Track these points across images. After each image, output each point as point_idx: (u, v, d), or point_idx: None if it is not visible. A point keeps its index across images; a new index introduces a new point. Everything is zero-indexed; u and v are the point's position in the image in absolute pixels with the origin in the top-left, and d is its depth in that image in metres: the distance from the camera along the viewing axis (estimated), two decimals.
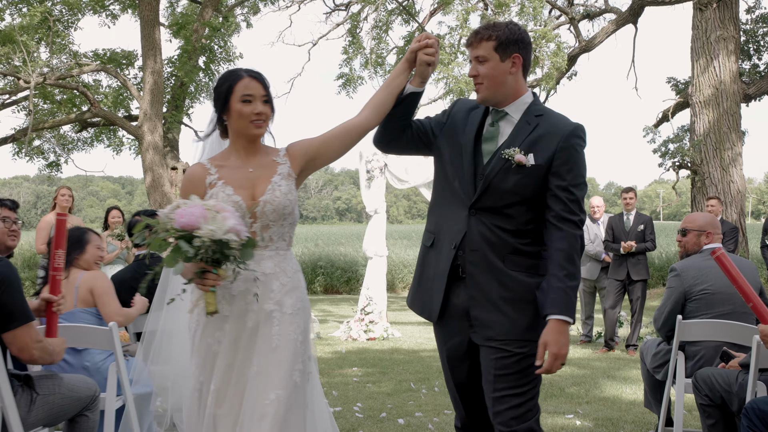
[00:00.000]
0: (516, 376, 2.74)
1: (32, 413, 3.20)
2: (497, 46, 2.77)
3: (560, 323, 2.66)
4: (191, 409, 2.82)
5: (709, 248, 4.67)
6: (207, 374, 2.78)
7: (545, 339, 2.67)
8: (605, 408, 5.92)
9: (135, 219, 4.99)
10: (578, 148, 2.78)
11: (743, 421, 3.11)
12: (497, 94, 2.84)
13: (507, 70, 2.80)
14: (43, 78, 13.70)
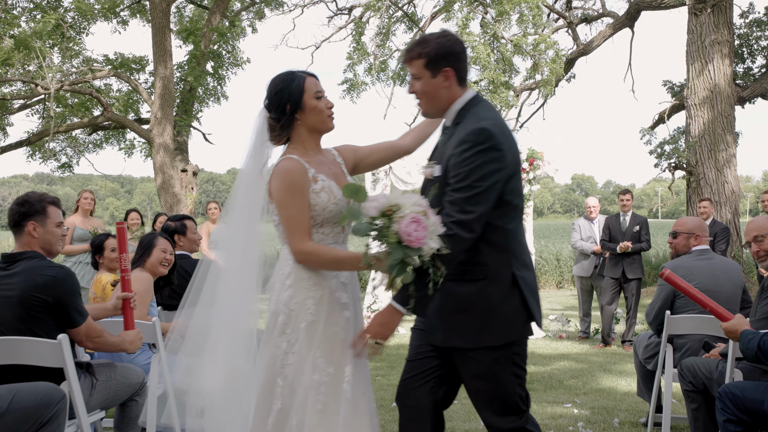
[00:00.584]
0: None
1: (93, 397, 3.62)
2: (427, 63, 2.82)
3: (388, 307, 2.73)
4: (322, 405, 2.74)
5: (698, 249, 5.11)
6: (336, 363, 2.76)
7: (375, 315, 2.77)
8: (601, 398, 6.34)
9: (168, 224, 5.37)
10: (465, 152, 2.71)
11: (717, 403, 3.51)
12: (434, 107, 2.91)
13: (440, 84, 2.84)
14: (60, 84, 14.12)
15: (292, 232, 2.79)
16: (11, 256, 3.43)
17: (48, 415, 2.95)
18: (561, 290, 19.62)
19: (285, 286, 2.82)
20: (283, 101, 2.87)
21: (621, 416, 5.56)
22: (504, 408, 2.85)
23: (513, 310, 2.81)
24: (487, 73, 14.85)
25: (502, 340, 2.79)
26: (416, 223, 2.50)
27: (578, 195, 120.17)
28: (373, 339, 2.72)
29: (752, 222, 4.29)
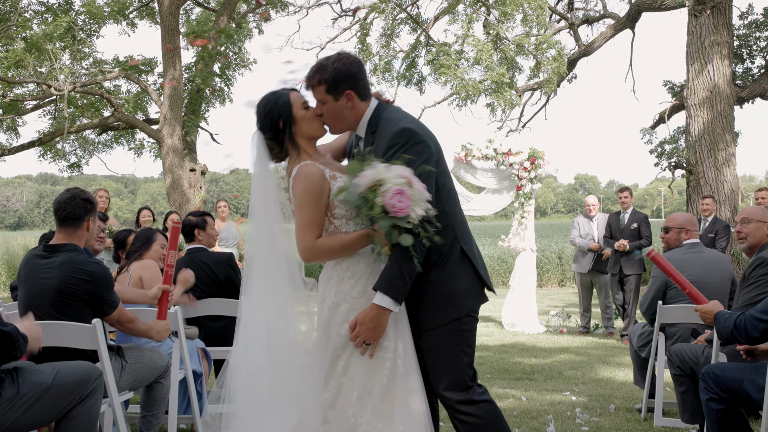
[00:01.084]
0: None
1: (122, 378, 3.91)
2: (328, 88, 2.99)
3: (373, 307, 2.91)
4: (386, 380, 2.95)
5: (689, 243, 5.38)
6: (394, 341, 2.99)
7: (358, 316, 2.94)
8: (599, 387, 6.61)
9: (189, 218, 5.65)
10: (395, 154, 2.91)
11: (701, 383, 3.77)
12: (341, 127, 3.13)
13: (344, 106, 3.03)
14: (73, 86, 14.44)
15: (302, 231, 3.00)
16: (53, 247, 3.72)
17: (87, 391, 3.23)
18: (563, 288, 19.88)
19: (346, 278, 3.03)
20: (275, 119, 3.06)
21: (617, 403, 5.83)
22: (454, 383, 3.03)
23: (466, 285, 3.06)
24: (490, 73, 15.10)
25: (451, 316, 3.02)
26: (400, 194, 2.74)
27: (581, 195, 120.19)
28: (364, 341, 2.92)
29: (748, 208, 4.59)
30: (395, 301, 2.89)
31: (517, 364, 7.85)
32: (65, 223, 3.76)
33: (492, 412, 3.08)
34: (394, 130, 2.95)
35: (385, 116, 3.05)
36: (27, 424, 3.10)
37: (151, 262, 5.14)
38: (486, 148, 10.80)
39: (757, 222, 4.41)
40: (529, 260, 10.98)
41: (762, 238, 4.41)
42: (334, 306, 3.02)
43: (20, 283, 3.77)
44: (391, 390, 2.95)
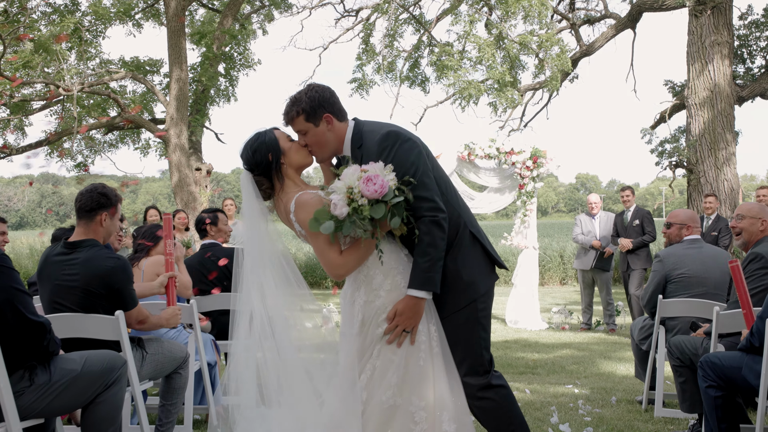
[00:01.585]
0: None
1: (143, 368, 4.06)
2: (307, 117, 3.15)
3: (410, 298, 3.07)
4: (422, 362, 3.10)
5: (689, 239, 5.52)
6: (427, 324, 3.15)
7: (398, 306, 3.07)
8: (600, 381, 6.76)
9: (202, 215, 5.81)
10: (388, 157, 3.06)
11: (699, 371, 3.93)
12: (327, 152, 3.24)
13: (324, 130, 3.17)
14: (81, 86, 14.61)
15: (325, 254, 3.12)
16: (73, 244, 3.85)
17: (113, 378, 3.38)
18: (564, 286, 20.02)
19: (374, 275, 3.15)
20: (264, 154, 3.18)
21: (618, 395, 5.97)
22: (473, 369, 3.17)
23: (480, 266, 3.22)
24: (493, 72, 15.24)
25: (469, 298, 3.17)
26: (368, 180, 2.90)
27: (582, 194, 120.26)
28: (403, 329, 3.07)
29: (745, 204, 4.73)
30: (430, 291, 3.06)
31: (521, 359, 8.00)
32: (80, 214, 3.88)
33: (508, 398, 3.24)
34: (380, 136, 3.11)
35: (367, 129, 3.22)
36: (57, 409, 3.26)
37: (161, 258, 5.26)
38: (489, 147, 10.94)
39: (751, 218, 4.55)
40: (532, 258, 11.13)
41: (756, 233, 4.56)
42: (368, 304, 3.14)
43: (42, 280, 3.88)
44: (427, 371, 3.09)
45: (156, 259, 5.25)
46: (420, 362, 3.10)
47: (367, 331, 3.14)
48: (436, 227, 3.04)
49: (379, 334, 3.11)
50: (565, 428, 4.79)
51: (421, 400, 3.06)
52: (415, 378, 3.08)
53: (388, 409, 3.05)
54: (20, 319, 2.99)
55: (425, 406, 3.06)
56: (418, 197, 3.04)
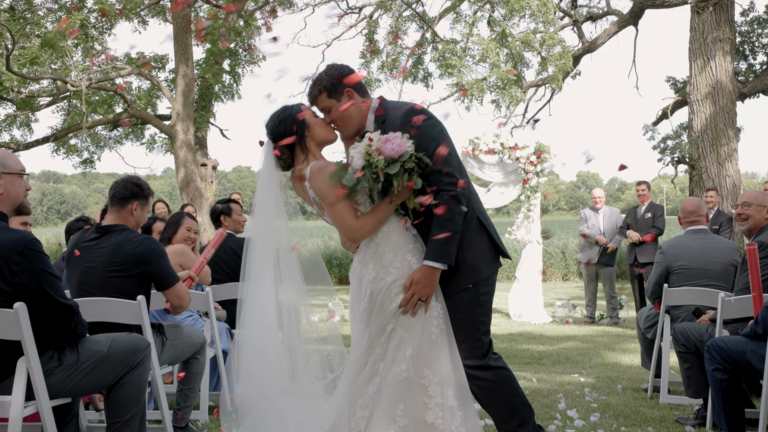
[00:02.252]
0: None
1: (163, 354, 4.16)
2: (329, 94, 3.27)
3: (426, 267, 3.15)
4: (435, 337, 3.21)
5: (693, 229, 5.58)
6: (440, 300, 3.27)
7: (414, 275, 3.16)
8: (606, 370, 6.86)
9: (216, 206, 5.92)
10: (411, 132, 3.14)
11: (706, 354, 4.03)
12: (352, 126, 3.33)
13: (346, 105, 3.28)
14: (89, 82, 14.72)
15: (342, 219, 3.22)
16: (105, 228, 3.96)
17: (137, 360, 3.48)
18: (567, 282, 20.12)
19: (384, 252, 3.24)
20: (289, 124, 3.31)
21: (624, 384, 6.08)
22: (472, 351, 3.25)
23: (484, 251, 3.30)
24: (496, 70, 15.33)
25: (471, 280, 3.25)
26: (388, 141, 3.03)
27: (583, 192, 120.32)
28: (419, 298, 3.16)
29: (750, 191, 4.83)
30: (446, 264, 3.14)
31: (526, 351, 8.10)
32: (113, 202, 4.00)
33: (508, 378, 3.32)
34: (404, 111, 3.21)
35: (391, 105, 3.32)
36: (84, 389, 3.36)
37: (184, 248, 5.34)
38: (493, 142, 11.04)
39: (757, 206, 4.65)
40: (535, 252, 11.24)
41: (761, 221, 4.66)
42: (377, 280, 3.23)
43: (71, 264, 3.99)
44: (439, 346, 3.20)
45: (176, 249, 5.33)
46: (432, 337, 3.19)
47: (375, 306, 3.22)
48: (455, 201, 3.12)
49: (393, 309, 3.19)
50: (572, 414, 4.89)
51: (435, 374, 3.15)
52: (428, 352, 3.17)
53: (403, 381, 3.13)
54: (49, 302, 3.10)
55: (439, 380, 3.14)
56: (439, 171, 3.12)
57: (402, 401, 3.11)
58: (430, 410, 3.11)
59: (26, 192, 3.28)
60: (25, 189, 3.26)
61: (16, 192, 3.21)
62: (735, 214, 4.83)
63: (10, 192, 3.18)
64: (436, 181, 3.13)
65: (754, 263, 4.09)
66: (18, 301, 3.00)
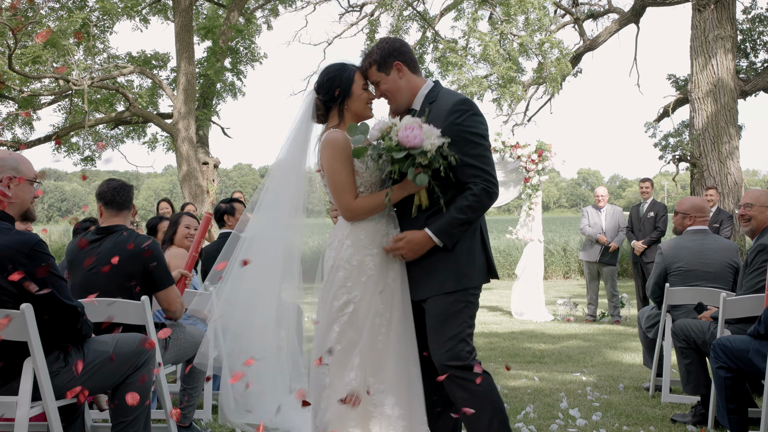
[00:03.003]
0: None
1: (167, 353, 4.19)
2: (378, 66, 3.31)
3: (425, 235, 3.15)
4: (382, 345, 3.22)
5: (692, 229, 5.59)
6: (391, 309, 3.28)
7: (407, 234, 3.18)
8: (607, 369, 6.88)
9: (220, 206, 5.94)
10: (458, 121, 3.14)
11: (711, 353, 4.05)
12: (401, 100, 3.35)
13: (396, 78, 3.32)
14: (91, 81, 14.74)
15: (340, 194, 3.25)
16: (105, 229, 3.99)
17: (142, 360, 3.49)
18: (568, 280, 20.14)
19: (345, 246, 3.27)
20: (334, 87, 3.33)
21: (626, 382, 6.09)
22: (455, 353, 3.14)
23: (480, 261, 3.26)
24: (497, 68, 15.33)
25: (460, 285, 3.19)
26: (410, 129, 3.03)
27: (584, 189, 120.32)
28: (401, 255, 3.19)
29: (753, 191, 4.82)
30: (442, 243, 3.14)
31: (528, 350, 8.11)
32: (111, 206, 4.02)
33: (488, 382, 3.19)
34: (457, 99, 3.21)
35: (444, 91, 3.33)
36: (90, 389, 3.37)
37: (181, 251, 5.40)
38: (494, 140, 11.05)
39: (760, 206, 4.66)
40: (537, 250, 11.25)
41: (765, 221, 4.66)
42: (334, 270, 3.27)
43: (73, 267, 4.01)
44: (386, 354, 3.19)
45: (176, 252, 5.36)
46: (379, 345, 3.19)
47: (329, 295, 3.26)
48: (486, 196, 3.15)
49: (336, 306, 3.22)
50: (574, 413, 4.90)
51: (381, 383, 3.15)
52: (375, 360, 3.17)
53: (347, 384, 3.14)
54: (55, 304, 3.11)
55: (384, 389, 3.15)
56: (481, 168, 3.14)
57: (350, 408, 3.13)
58: (374, 418, 3.14)
59: (34, 198, 3.30)
60: (33, 195, 3.28)
61: (25, 198, 3.24)
62: (738, 215, 4.83)
63: (19, 197, 3.21)
64: (471, 174, 3.13)
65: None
66: (24, 303, 3.01)
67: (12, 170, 3.19)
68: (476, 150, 3.16)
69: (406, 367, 3.22)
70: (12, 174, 3.18)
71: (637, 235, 10.03)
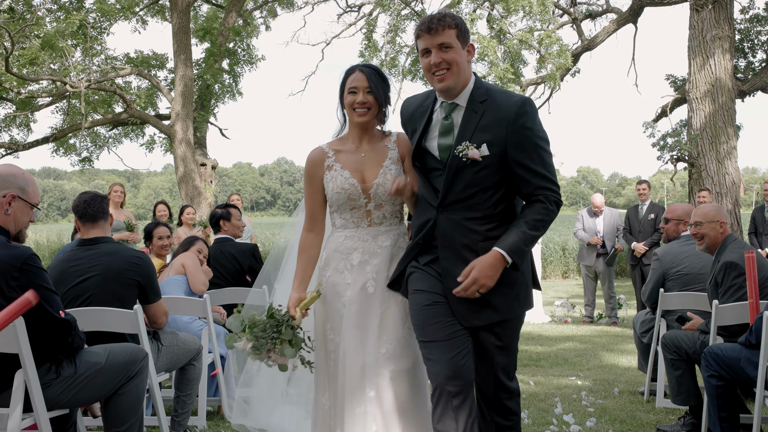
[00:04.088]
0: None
1: (159, 360, 4.19)
2: (459, 34, 2.84)
3: (497, 256, 2.78)
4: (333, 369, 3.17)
5: (686, 234, 5.60)
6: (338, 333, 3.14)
7: (476, 262, 2.79)
8: (603, 372, 6.89)
9: (216, 211, 5.96)
10: (528, 125, 2.82)
11: (702, 361, 4.06)
12: (459, 81, 2.88)
13: (465, 58, 2.90)
14: (89, 83, 14.75)
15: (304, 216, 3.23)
16: (91, 240, 4.01)
17: (135, 370, 3.50)
18: (566, 280, 20.16)
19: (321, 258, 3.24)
20: (387, 90, 3.18)
21: (620, 386, 6.10)
22: (512, 374, 3.04)
23: (529, 277, 3.04)
24: (495, 68, 15.34)
25: (528, 305, 3.01)
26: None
27: (584, 187, 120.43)
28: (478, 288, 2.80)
29: (699, 208, 4.81)
30: (515, 263, 2.81)
31: (524, 352, 8.12)
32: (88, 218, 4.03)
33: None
34: (520, 99, 2.89)
35: (492, 88, 2.98)
36: (82, 400, 3.39)
37: (192, 254, 5.40)
38: None
39: (709, 223, 4.65)
40: (535, 251, 11.23)
41: (717, 237, 4.65)
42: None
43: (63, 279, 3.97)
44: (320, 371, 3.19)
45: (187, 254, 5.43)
46: (330, 369, 3.16)
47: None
48: (556, 208, 2.88)
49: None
50: (569, 419, 4.91)
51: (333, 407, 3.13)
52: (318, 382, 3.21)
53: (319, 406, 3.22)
54: (47, 318, 3.12)
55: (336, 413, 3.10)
56: (550, 179, 2.86)
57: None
58: None
59: (29, 222, 3.31)
60: (30, 220, 3.29)
61: (23, 220, 3.26)
62: (691, 234, 4.83)
63: (17, 217, 3.22)
64: (540, 186, 2.85)
65: (752, 271, 4.11)
66: None
67: (18, 189, 3.21)
68: (545, 158, 2.88)
69: (362, 395, 3.02)
70: (17, 193, 3.20)
71: (636, 237, 10.02)
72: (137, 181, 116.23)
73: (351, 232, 3.15)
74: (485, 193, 2.87)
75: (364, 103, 3.10)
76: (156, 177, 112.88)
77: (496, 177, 2.86)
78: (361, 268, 3.12)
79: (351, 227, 3.16)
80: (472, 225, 2.87)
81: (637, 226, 9.99)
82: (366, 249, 3.14)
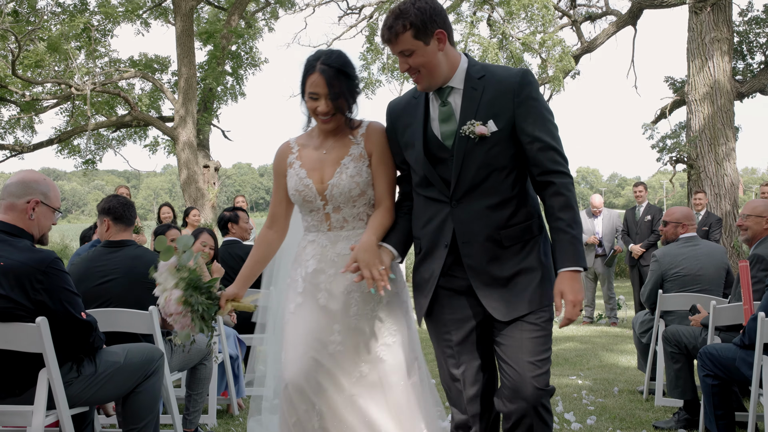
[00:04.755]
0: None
1: (172, 360, 4.32)
2: (415, 33, 2.57)
3: (572, 274, 2.57)
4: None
5: (684, 237, 5.74)
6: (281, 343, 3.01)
7: (561, 288, 2.57)
8: (603, 372, 7.01)
9: (224, 214, 6.08)
10: (534, 95, 2.64)
11: (698, 361, 4.20)
12: (438, 77, 2.65)
13: (435, 50, 2.61)
14: (93, 85, 14.90)
15: None
16: (117, 243, 4.14)
17: (152, 369, 3.63)
18: None
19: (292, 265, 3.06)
20: (354, 88, 2.87)
21: (620, 386, 6.23)
22: (546, 378, 2.68)
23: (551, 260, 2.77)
24: None
25: (551, 297, 2.70)
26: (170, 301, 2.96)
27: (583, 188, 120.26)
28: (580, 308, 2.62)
29: (752, 202, 5.01)
30: (584, 267, 2.63)
31: None
32: (120, 221, 4.16)
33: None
34: (521, 71, 2.68)
35: (488, 64, 2.75)
36: (101, 398, 3.52)
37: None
38: None
39: (756, 217, 4.83)
40: None
41: (760, 231, 4.84)
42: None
43: (85, 279, 4.11)
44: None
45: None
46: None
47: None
48: (573, 192, 2.65)
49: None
50: (569, 417, 5.04)
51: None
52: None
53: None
54: (70, 319, 3.25)
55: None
56: (562, 154, 2.66)
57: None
58: None
59: (51, 225, 3.45)
60: (52, 223, 3.43)
61: (45, 224, 3.39)
62: (737, 224, 5.02)
63: (40, 221, 3.35)
64: (554, 160, 2.63)
65: (745, 280, 4.26)
66: (40, 317, 3.15)
67: (41, 195, 3.34)
68: (554, 130, 2.66)
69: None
70: (40, 198, 3.33)
71: (634, 238, 10.14)
72: (137, 182, 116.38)
73: (313, 236, 2.94)
74: (500, 173, 2.64)
75: (326, 113, 2.80)
76: (156, 177, 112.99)
77: (510, 153, 2.64)
78: (314, 277, 2.89)
79: (313, 231, 2.95)
80: (493, 213, 2.64)
81: (634, 228, 10.11)
82: (323, 257, 2.90)
